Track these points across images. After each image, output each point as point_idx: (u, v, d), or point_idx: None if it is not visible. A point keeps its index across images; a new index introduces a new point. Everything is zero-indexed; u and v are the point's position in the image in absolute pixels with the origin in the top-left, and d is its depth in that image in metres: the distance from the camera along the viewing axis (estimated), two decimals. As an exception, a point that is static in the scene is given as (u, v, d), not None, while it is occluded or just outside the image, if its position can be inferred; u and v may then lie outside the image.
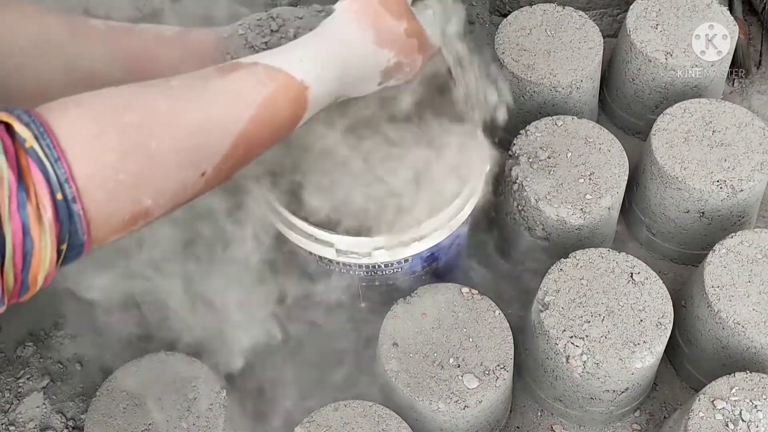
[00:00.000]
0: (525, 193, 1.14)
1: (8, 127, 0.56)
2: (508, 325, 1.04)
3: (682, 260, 1.27)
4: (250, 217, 0.95)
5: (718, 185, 1.15)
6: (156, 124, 0.63)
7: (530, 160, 1.16)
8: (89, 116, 0.60)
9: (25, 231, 0.55)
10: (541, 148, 1.17)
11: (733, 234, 1.10)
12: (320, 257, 0.97)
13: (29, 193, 0.55)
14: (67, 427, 1.12)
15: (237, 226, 0.96)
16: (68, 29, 0.79)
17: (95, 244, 0.62)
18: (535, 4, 1.33)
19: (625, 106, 1.38)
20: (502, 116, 0.95)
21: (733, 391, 0.97)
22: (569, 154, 1.16)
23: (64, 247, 0.58)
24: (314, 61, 0.75)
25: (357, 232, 0.93)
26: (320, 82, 0.74)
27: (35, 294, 0.60)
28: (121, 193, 0.61)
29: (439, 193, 0.96)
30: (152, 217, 0.65)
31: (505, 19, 1.32)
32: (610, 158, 1.16)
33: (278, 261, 1.02)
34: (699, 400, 0.97)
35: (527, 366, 1.13)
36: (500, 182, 1.20)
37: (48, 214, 0.56)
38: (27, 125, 0.57)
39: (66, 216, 0.57)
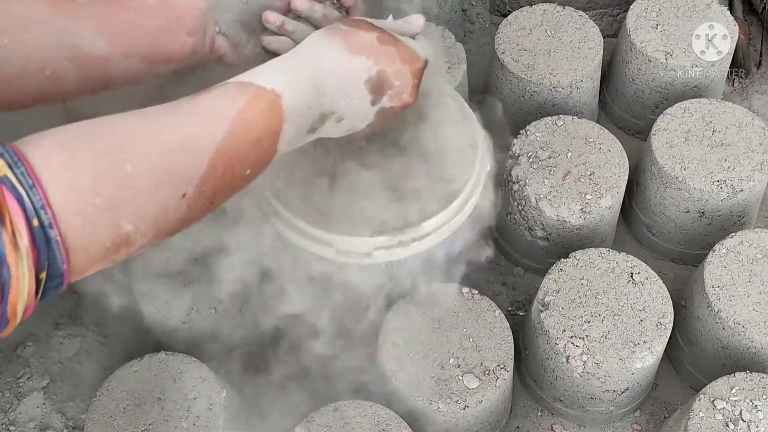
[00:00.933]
0: (525, 193, 1.14)
1: None
2: (508, 325, 1.04)
3: (682, 260, 1.27)
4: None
5: (718, 185, 1.15)
6: (129, 147, 0.63)
7: (530, 160, 1.16)
8: (62, 144, 0.60)
9: (1, 259, 0.54)
10: (541, 148, 1.17)
11: (733, 234, 1.10)
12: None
13: (4, 221, 0.54)
14: (67, 427, 1.12)
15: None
16: (50, 5, 0.79)
17: (76, 274, 0.61)
18: (535, 4, 1.33)
19: (625, 106, 1.38)
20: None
21: (733, 391, 0.97)
22: (569, 154, 1.17)
23: (43, 276, 0.57)
24: (284, 72, 0.74)
25: (357, 232, 0.93)
26: (293, 91, 0.73)
27: (16, 327, 0.58)
28: (99, 218, 0.60)
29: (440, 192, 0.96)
30: (135, 245, 0.64)
31: (505, 19, 1.32)
32: (610, 158, 1.16)
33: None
34: (699, 400, 0.97)
35: (527, 366, 1.13)
36: (500, 182, 1.20)
37: (24, 240, 0.55)
38: (0, 155, 0.56)
39: (43, 243, 0.57)
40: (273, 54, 0.89)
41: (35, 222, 0.56)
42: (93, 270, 0.62)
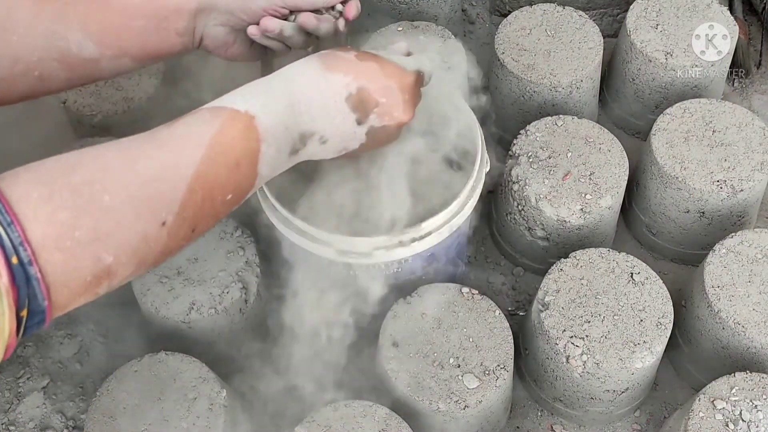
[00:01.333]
0: (525, 193, 1.14)
1: None
2: (508, 325, 1.04)
3: (682, 260, 1.27)
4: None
5: (718, 185, 1.15)
6: (107, 178, 0.62)
7: (530, 160, 1.16)
8: (40, 179, 0.60)
9: None
10: (541, 148, 1.17)
11: (733, 234, 1.10)
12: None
13: None
14: (67, 427, 1.11)
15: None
16: (34, 5, 0.78)
17: (58, 310, 0.60)
18: (535, 4, 1.33)
19: (625, 106, 1.38)
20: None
21: (733, 391, 0.97)
22: (569, 154, 1.17)
23: (24, 313, 0.57)
24: (257, 94, 0.74)
25: (357, 232, 0.93)
26: (267, 111, 0.72)
27: None
28: (79, 252, 0.59)
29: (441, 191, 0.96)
30: (116, 277, 0.63)
31: (505, 19, 1.32)
32: (610, 158, 1.16)
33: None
34: (699, 400, 0.97)
35: (527, 366, 1.13)
36: (500, 182, 1.20)
37: (4, 279, 0.54)
38: None
39: (23, 280, 0.56)
40: (261, 49, 0.89)
41: (14, 260, 0.55)
42: (75, 305, 0.61)
